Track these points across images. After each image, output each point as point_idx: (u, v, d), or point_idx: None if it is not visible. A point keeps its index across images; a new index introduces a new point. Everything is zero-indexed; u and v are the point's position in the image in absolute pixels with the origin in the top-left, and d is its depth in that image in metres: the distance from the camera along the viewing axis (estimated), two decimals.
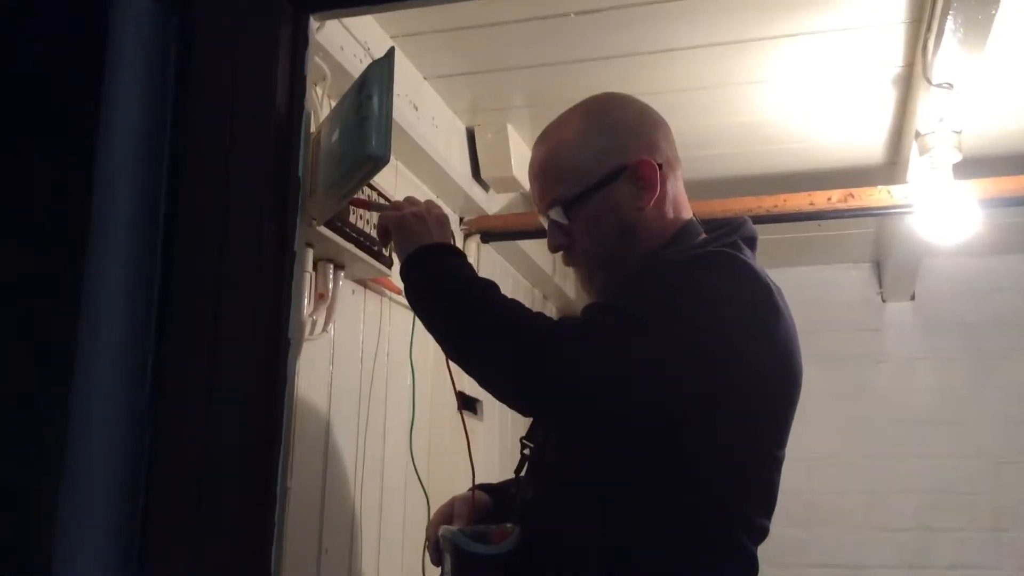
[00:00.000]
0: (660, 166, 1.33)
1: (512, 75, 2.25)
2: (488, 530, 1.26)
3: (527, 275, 3.16)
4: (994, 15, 1.56)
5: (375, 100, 1.20)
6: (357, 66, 1.72)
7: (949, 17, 1.56)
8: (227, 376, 1.21)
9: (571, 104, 1.41)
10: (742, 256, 1.28)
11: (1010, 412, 3.49)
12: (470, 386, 2.59)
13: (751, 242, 1.35)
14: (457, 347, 1.27)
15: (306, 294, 1.63)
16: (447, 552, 1.28)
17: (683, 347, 1.15)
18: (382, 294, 2.00)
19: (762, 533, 1.25)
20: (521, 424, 1.47)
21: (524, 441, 1.43)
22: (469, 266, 1.32)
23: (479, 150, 2.44)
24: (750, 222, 1.38)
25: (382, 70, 1.21)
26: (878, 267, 3.80)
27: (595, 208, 1.33)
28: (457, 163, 2.38)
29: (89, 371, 1.21)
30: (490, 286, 1.27)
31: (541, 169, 1.38)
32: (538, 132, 1.41)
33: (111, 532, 1.18)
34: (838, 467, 3.55)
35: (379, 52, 1.89)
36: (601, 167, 1.32)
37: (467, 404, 2.56)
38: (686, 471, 1.19)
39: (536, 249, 2.99)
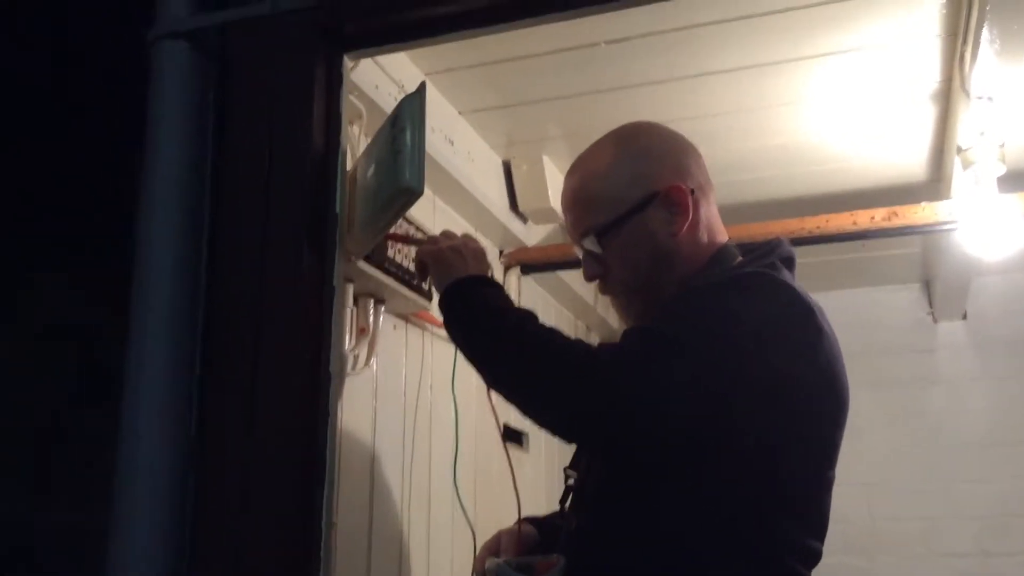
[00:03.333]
0: (692, 191, 1.32)
1: (546, 106, 2.26)
2: (533, 561, 1.25)
3: (569, 306, 3.15)
4: None
5: (408, 133, 1.22)
6: (391, 104, 1.73)
7: (984, 28, 1.54)
8: (267, 411, 1.23)
9: (604, 132, 1.41)
10: (780, 276, 1.27)
11: None
12: (516, 418, 2.59)
13: (789, 262, 1.34)
14: (498, 377, 1.27)
15: (347, 329, 1.64)
16: None
17: (724, 369, 1.14)
18: (423, 328, 2.01)
19: (814, 557, 1.23)
20: (569, 454, 1.46)
21: (568, 471, 1.42)
22: (506, 296, 1.32)
23: (516, 182, 2.45)
24: (787, 242, 1.37)
25: (414, 104, 1.23)
26: (927, 286, 3.73)
27: (628, 236, 1.33)
28: (495, 196, 2.39)
29: (136, 405, 1.23)
30: (528, 315, 1.27)
31: (573, 199, 1.39)
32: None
33: (158, 567, 1.19)
34: (895, 492, 3.47)
35: (413, 89, 1.92)
36: (633, 194, 1.32)
37: (512, 436, 2.55)
38: (732, 495, 1.17)
39: (577, 280, 2.97)
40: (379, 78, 1.74)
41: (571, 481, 1.39)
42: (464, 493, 1.85)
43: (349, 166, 1.38)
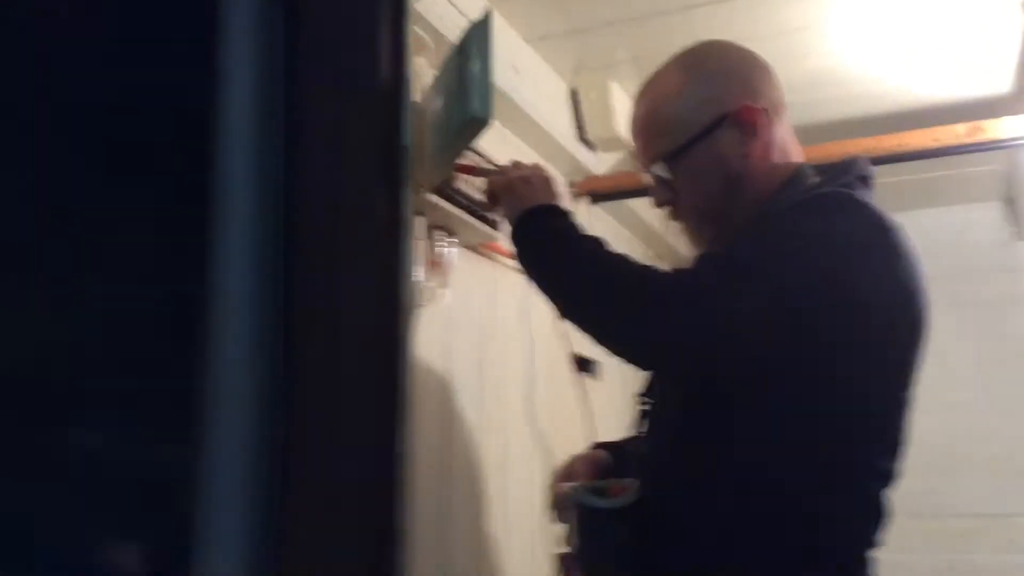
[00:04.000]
0: (764, 111, 1.29)
1: (612, 30, 2.22)
2: (607, 485, 1.27)
3: (639, 235, 3.13)
4: None
5: (474, 62, 1.21)
6: (457, 33, 1.72)
7: None
8: (347, 345, 1.25)
9: (670, 55, 1.38)
10: (856, 195, 1.24)
11: None
12: (587, 346, 2.60)
13: (866, 181, 1.30)
14: (569, 306, 1.27)
15: (419, 261, 1.65)
16: (569, 509, 1.30)
17: (801, 293, 1.12)
18: (493, 259, 2.01)
19: (891, 477, 1.22)
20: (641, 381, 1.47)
21: (640, 397, 1.43)
22: (577, 225, 1.32)
23: (583, 110, 2.42)
24: (864, 159, 1.33)
25: (480, 32, 1.22)
26: (1010, 204, 3.60)
27: (699, 160, 1.31)
28: (562, 125, 2.36)
29: (222, 346, 1.26)
30: (598, 243, 1.26)
31: (642, 125, 1.37)
32: None
33: (249, 494, 1.23)
34: (976, 413, 3.40)
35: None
36: (702, 117, 1.30)
37: (584, 365, 2.56)
38: (807, 416, 1.17)
39: (647, 208, 2.93)
40: (445, 8, 1.73)
41: (644, 407, 1.41)
42: (539, 421, 1.87)
43: (417, 98, 1.38)
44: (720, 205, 1.32)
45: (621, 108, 2.40)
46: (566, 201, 2.29)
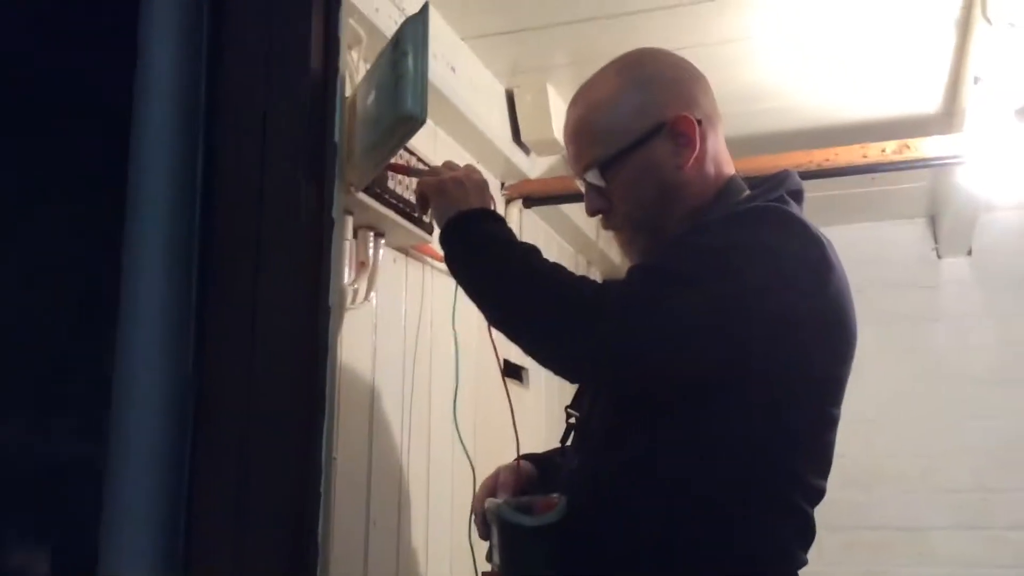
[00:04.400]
0: (699, 122, 1.28)
1: (551, 33, 2.18)
2: (533, 501, 1.23)
3: (571, 240, 3.11)
4: None
5: (410, 58, 1.16)
6: (392, 28, 1.67)
7: None
8: (268, 345, 1.19)
9: (609, 61, 1.36)
10: (790, 210, 1.24)
11: None
12: (516, 353, 2.56)
13: (797, 195, 1.31)
14: (500, 314, 1.24)
15: (347, 262, 1.60)
16: (493, 525, 1.26)
17: (735, 306, 1.11)
18: (423, 261, 1.97)
19: (818, 494, 1.22)
20: (569, 391, 1.44)
21: (569, 410, 1.40)
22: (509, 231, 1.29)
23: (519, 112, 2.39)
24: (795, 175, 1.34)
25: (416, 27, 1.18)
26: (933, 221, 3.68)
27: (633, 169, 1.28)
28: (497, 126, 2.33)
29: (132, 341, 1.20)
30: (531, 250, 1.24)
31: (575, 131, 1.34)
32: None
33: (157, 499, 1.17)
34: (895, 428, 3.47)
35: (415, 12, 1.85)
36: (637, 125, 1.28)
37: (512, 372, 2.53)
38: (739, 433, 1.15)
39: (580, 213, 2.92)
40: (380, 1, 1.68)
41: (572, 420, 1.38)
42: (464, 429, 1.83)
43: (348, 93, 1.33)
44: (654, 214, 1.30)
45: (557, 111, 2.37)
46: (498, 205, 2.26)
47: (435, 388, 1.98)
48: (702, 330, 1.11)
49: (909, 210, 3.60)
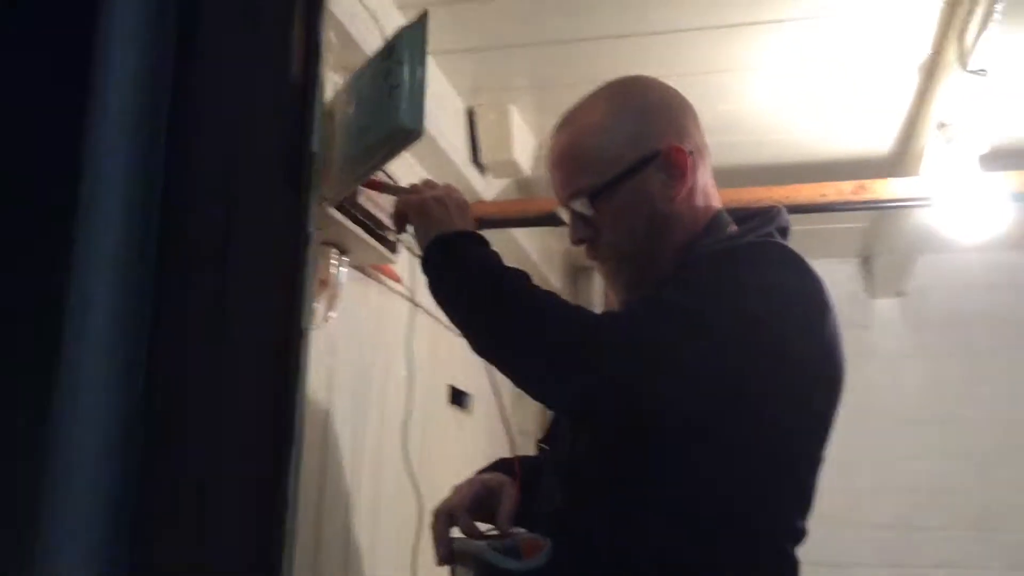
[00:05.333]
0: (690, 153, 1.24)
1: (515, 53, 2.14)
2: (517, 543, 1.16)
3: (512, 263, 3.05)
4: None
5: (406, 67, 1.09)
6: (366, 36, 1.60)
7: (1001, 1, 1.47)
8: (235, 369, 1.10)
9: (574, 86, 1.32)
10: (789, 247, 1.21)
11: (999, 411, 3.45)
12: (461, 379, 2.49)
13: (784, 232, 1.29)
14: (491, 343, 1.17)
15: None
16: (468, 566, 1.18)
17: (737, 343, 1.07)
18: (380, 281, 1.88)
19: (802, 536, 1.20)
20: (517, 417, 1.37)
21: (542, 445, 1.34)
22: (497, 255, 1.22)
23: (480, 132, 2.32)
24: (784, 212, 1.32)
25: (414, 35, 1.10)
26: (865, 263, 3.74)
27: (624, 199, 1.23)
28: (456, 144, 2.26)
29: (74, 365, 1.09)
30: (524, 277, 1.17)
31: (562, 157, 1.28)
32: (541, 115, 1.33)
33: (97, 544, 1.06)
34: (824, 465, 3.49)
35: (386, 23, 1.77)
36: (630, 154, 1.23)
37: (456, 398, 2.45)
38: (733, 474, 1.12)
39: (525, 237, 2.89)
40: (355, 7, 1.60)
41: (544, 455, 1.33)
42: (412, 455, 1.75)
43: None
44: (643, 246, 1.25)
45: (519, 133, 2.32)
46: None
47: (387, 412, 1.89)
48: (701, 368, 1.07)
49: (842, 250, 3.66)
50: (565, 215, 1.30)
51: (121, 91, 1.16)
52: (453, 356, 2.37)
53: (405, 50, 1.10)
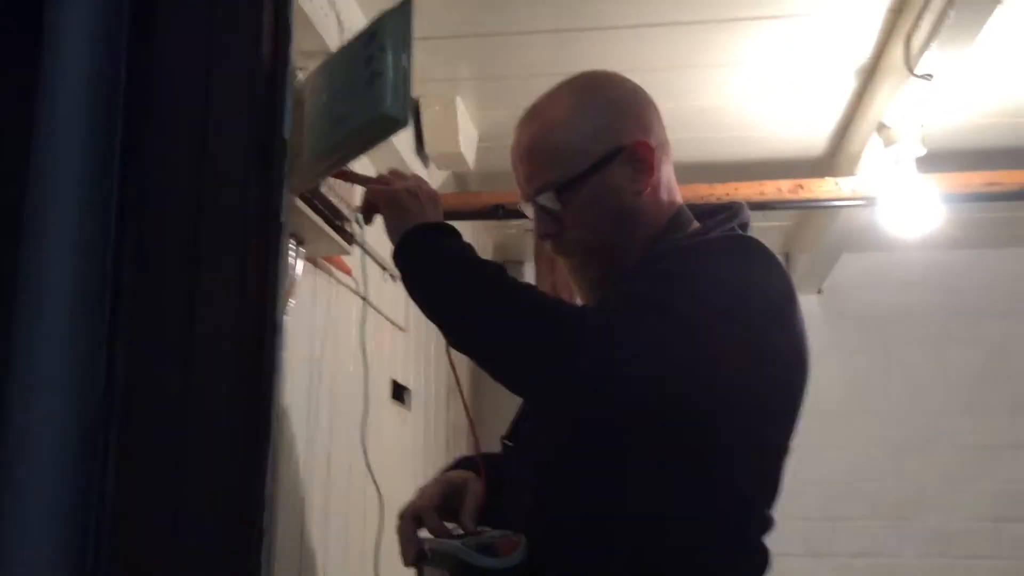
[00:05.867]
0: (655, 148, 1.24)
1: (460, 44, 2.11)
2: (491, 540, 1.14)
3: None
4: (995, 8, 1.52)
5: (390, 53, 1.06)
6: (325, 22, 1.56)
7: (954, 8, 1.51)
8: (205, 367, 1.05)
9: (521, 78, 1.31)
10: (759, 241, 1.22)
11: (913, 403, 3.59)
12: (401, 374, 2.45)
13: (744, 228, 1.30)
14: (466, 336, 1.15)
15: None
16: (440, 566, 1.16)
17: (708, 335, 1.08)
18: (330, 273, 1.84)
19: (771, 525, 1.21)
20: (452, 415, 1.35)
21: (505, 441, 1.33)
22: (471, 248, 1.20)
23: (424, 123, 2.29)
24: (747, 208, 1.33)
25: (399, 20, 1.07)
26: (786, 259, 3.83)
27: (590, 193, 1.23)
28: (401, 134, 2.22)
29: (27, 365, 1.02)
30: (500, 269, 1.16)
31: (529, 151, 1.27)
32: (487, 107, 1.32)
33: (54, 552, 1.00)
34: None
35: (343, 7, 1.73)
36: (596, 149, 1.23)
37: (396, 393, 2.42)
38: (708, 466, 1.13)
39: (466, 230, 2.86)
40: None
41: (508, 451, 1.31)
42: (369, 451, 1.71)
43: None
44: (609, 240, 1.25)
45: (464, 125, 2.29)
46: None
47: (336, 408, 1.85)
48: (677, 359, 1.07)
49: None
50: (529, 210, 1.29)
51: (73, 75, 1.10)
52: (396, 351, 2.34)
53: (388, 36, 1.07)
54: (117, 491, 1.03)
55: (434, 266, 1.17)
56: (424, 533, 1.22)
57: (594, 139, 1.23)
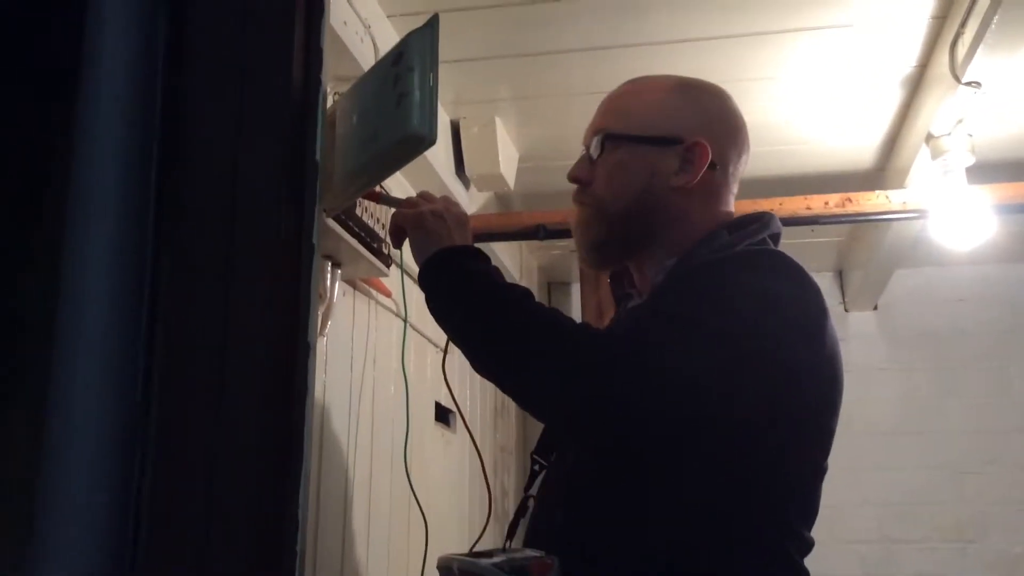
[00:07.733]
0: (715, 164, 1.23)
1: (500, 64, 2.11)
2: (526, 562, 1.12)
3: None
4: None
5: (416, 73, 1.06)
6: (357, 44, 1.57)
7: (998, 13, 1.47)
8: (238, 387, 1.05)
9: (560, 98, 1.32)
10: (789, 256, 1.19)
11: (971, 422, 3.49)
12: (445, 396, 2.44)
13: (776, 239, 1.28)
14: (491, 361, 1.14)
15: None
16: None
17: (739, 353, 1.05)
18: (370, 295, 1.84)
19: (809, 545, 1.18)
20: (500, 435, 1.34)
21: (536, 457, 1.31)
22: (497, 271, 1.19)
23: (464, 144, 2.29)
24: (776, 218, 1.31)
25: (424, 40, 1.07)
26: (840, 276, 3.77)
27: (630, 158, 1.25)
28: (441, 157, 2.23)
29: (67, 365, 1.04)
30: (527, 294, 1.15)
31: (609, 100, 1.32)
32: (526, 127, 1.32)
33: (91, 556, 1.01)
34: None
35: (378, 31, 1.74)
36: (661, 126, 1.25)
37: (440, 416, 2.41)
38: (741, 484, 1.11)
39: (506, 251, 2.86)
40: (347, 14, 1.56)
41: (537, 467, 1.31)
42: (413, 472, 1.70)
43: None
44: (621, 211, 1.25)
45: (504, 146, 2.28)
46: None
47: (377, 430, 1.84)
48: (708, 378, 1.04)
49: (818, 264, 3.67)
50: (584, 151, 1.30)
51: (111, 105, 1.12)
52: (439, 372, 2.33)
53: (415, 56, 1.07)
54: (151, 501, 1.04)
55: (457, 290, 1.16)
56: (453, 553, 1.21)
57: (665, 118, 1.25)
